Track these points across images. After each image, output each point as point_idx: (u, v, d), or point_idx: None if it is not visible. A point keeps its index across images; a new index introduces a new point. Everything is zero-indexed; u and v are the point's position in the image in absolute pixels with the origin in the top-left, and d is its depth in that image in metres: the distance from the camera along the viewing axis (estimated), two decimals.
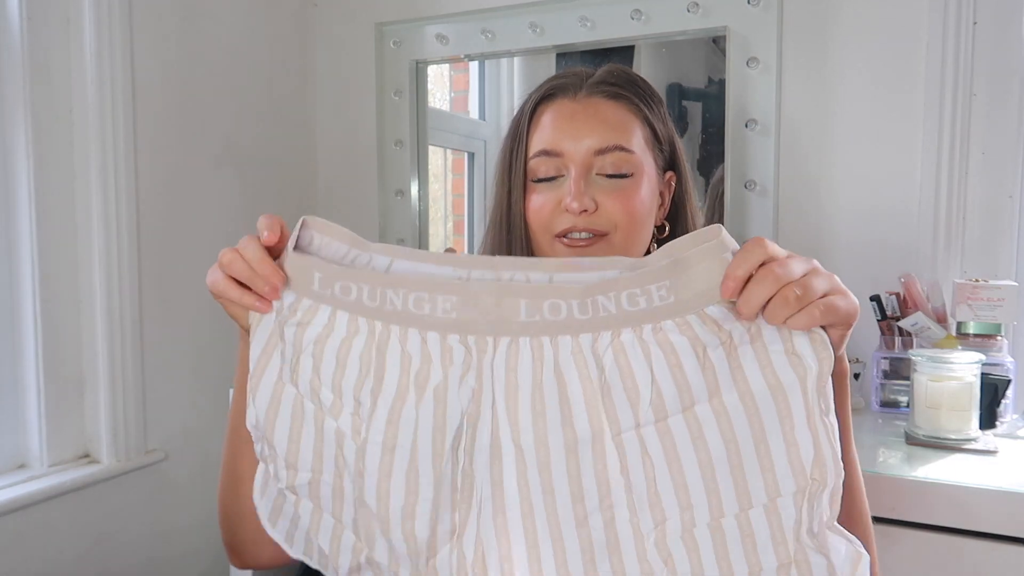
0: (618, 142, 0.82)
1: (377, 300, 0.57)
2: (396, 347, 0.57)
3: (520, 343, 0.55)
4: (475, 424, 0.56)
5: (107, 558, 1.38)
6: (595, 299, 0.53)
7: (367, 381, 0.58)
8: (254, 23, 1.68)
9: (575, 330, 0.54)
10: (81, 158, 1.32)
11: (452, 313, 0.55)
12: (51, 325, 1.29)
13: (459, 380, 0.56)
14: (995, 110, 1.31)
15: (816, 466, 0.54)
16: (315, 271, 0.58)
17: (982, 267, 1.32)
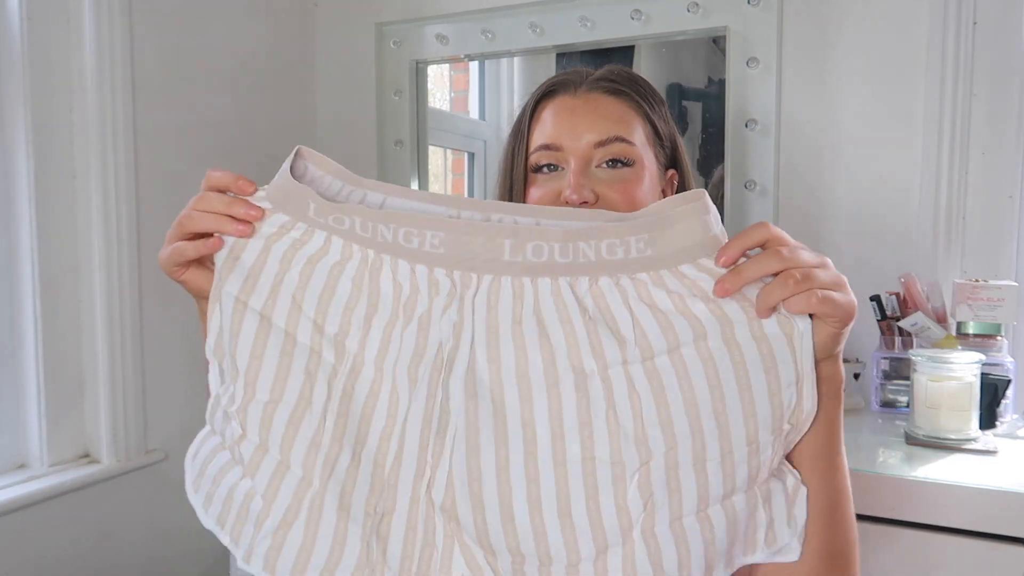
0: (618, 133, 0.83)
1: (369, 232, 0.58)
2: (388, 275, 0.58)
3: (502, 281, 0.57)
4: (453, 358, 0.57)
5: (107, 558, 1.38)
6: (576, 244, 0.55)
7: (359, 305, 0.59)
8: (254, 23, 1.68)
9: (555, 273, 0.56)
10: (81, 158, 1.32)
11: (440, 248, 0.57)
12: (51, 325, 1.29)
13: (442, 311, 0.57)
14: (995, 110, 1.31)
15: (795, 414, 0.56)
16: (310, 200, 0.59)
17: (982, 267, 1.32)
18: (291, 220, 0.60)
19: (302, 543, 0.56)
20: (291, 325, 0.59)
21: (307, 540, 0.56)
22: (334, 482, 0.57)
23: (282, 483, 0.57)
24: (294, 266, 0.60)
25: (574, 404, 0.55)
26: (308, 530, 0.56)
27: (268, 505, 0.57)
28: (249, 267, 0.61)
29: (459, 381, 0.57)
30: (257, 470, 0.58)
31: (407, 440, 0.57)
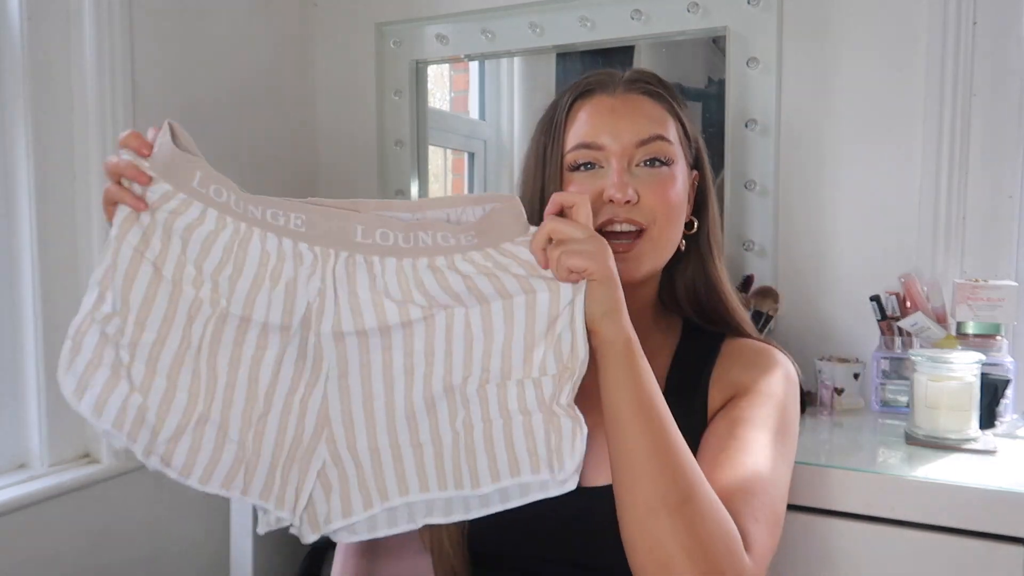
0: (659, 132, 0.84)
1: (241, 208, 0.71)
2: (257, 245, 0.71)
3: (356, 258, 0.71)
4: (320, 314, 0.71)
5: (107, 558, 1.38)
6: (416, 233, 0.71)
7: (227, 267, 0.71)
8: (254, 23, 1.68)
9: (399, 255, 0.71)
10: (81, 158, 1.32)
11: (302, 228, 0.71)
12: (51, 325, 1.29)
13: (307, 278, 0.71)
14: (995, 110, 1.31)
15: (571, 358, 0.71)
16: (197, 169, 0.72)
17: (982, 267, 1.32)
18: (172, 190, 0.71)
19: (190, 448, 0.72)
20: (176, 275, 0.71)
21: (194, 446, 0.72)
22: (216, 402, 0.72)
23: (171, 404, 0.71)
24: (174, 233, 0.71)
25: (422, 338, 0.72)
26: (194, 440, 0.72)
27: (161, 420, 0.71)
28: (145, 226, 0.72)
29: (328, 329, 0.72)
30: (149, 391, 0.71)
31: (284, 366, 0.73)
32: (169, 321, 0.71)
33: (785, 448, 0.81)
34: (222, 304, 0.72)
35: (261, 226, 0.71)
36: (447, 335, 0.73)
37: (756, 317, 1.36)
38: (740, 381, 0.84)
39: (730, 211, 1.47)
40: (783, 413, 0.82)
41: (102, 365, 0.72)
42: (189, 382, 0.72)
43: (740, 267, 1.47)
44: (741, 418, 0.79)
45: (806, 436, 1.17)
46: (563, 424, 0.71)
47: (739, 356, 0.87)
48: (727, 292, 0.90)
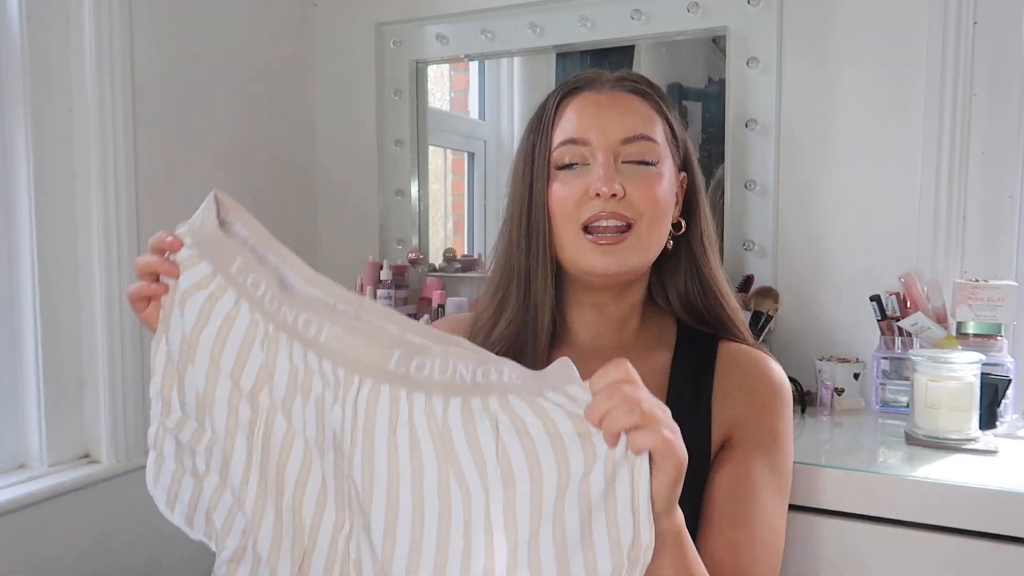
0: (645, 131, 0.83)
1: (274, 307, 0.63)
2: (284, 353, 0.64)
3: (381, 390, 0.61)
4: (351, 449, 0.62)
5: (107, 558, 1.38)
6: (455, 364, 0.60)
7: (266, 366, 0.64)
8: (254, 23, 1.68)
9: (430, 390, 0.60)
10: (81, 158, 1.32)
11: (333, 343, 0.62)
12: (51, 325, 1.29)
13: (331, 404, 0.62)
14: (995, 110, 1.31)
15: (633, 548, 0.58)
16: (238, 256, 0.64)
17: (982, 267, 1.32)
18: (211, 272, 0.65)
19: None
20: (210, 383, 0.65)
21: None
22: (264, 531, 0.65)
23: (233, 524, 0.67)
24: (211, 324, 0.65)
25: (435, 522, 0.59)
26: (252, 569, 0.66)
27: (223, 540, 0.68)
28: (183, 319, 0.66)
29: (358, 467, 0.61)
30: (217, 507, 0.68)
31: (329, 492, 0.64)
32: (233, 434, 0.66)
33: (786, 489, 0.82)
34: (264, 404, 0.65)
35: (289, 333, 0.63)
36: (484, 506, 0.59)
37: (756, 317, 1.36)
38: (744, 415, 0.83)
39: (730, 211, 1.47)
40: (784, 454, 0.83)
41: (186, 474, 0.69)
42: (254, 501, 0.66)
43: (740, 267, 1.47)
44: (754, 478, 0.79)
45: (806, 436, 1.17)
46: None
47: (739, 372, 0.86)
48: (724, 292, 0.89)
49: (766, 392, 0.84)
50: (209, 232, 0.66)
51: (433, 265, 1.80)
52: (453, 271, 1.78)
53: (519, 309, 0.86)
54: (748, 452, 0.80)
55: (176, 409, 0.67)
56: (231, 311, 0.64)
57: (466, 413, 0.59)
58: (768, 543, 0.77)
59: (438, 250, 1.82)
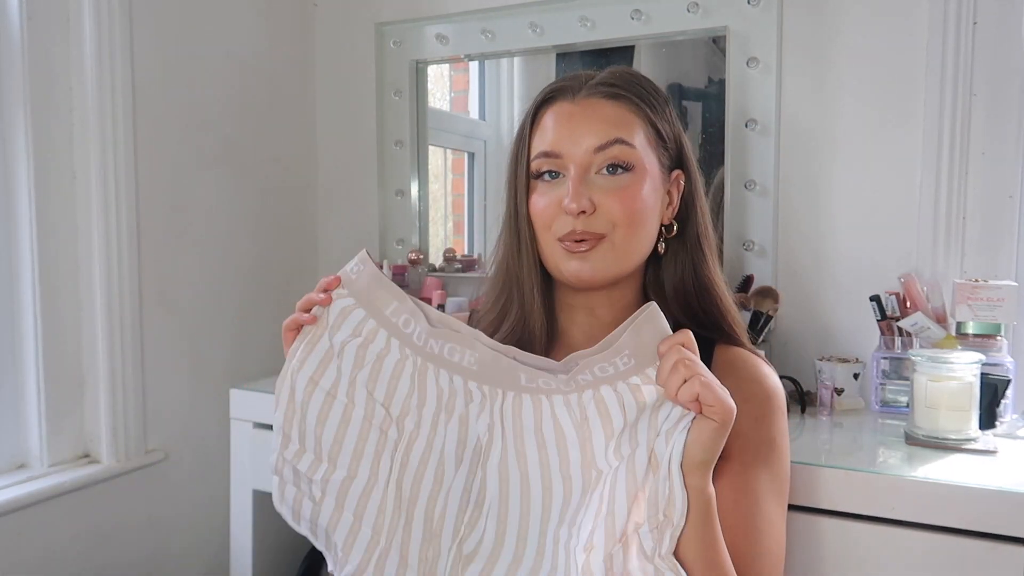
0: (617, 135, 0.82)
1: (422, 341, 0.75)
2: (432, 379, 0.75)
3: (523, 397, 0.73)
4: (488, 449, 0.73)
5: (107, 558, 1.38)
6: (576, 378, 0.72)
7: (415, 395, 0.75)
8: (254, 23, 1.68)
9: (564, 391, 0.72)
10: (81, 158, 1.32)
11: (474, 366, 0.74)
12: (51, 325, 1.30)
13: (477, 415, 0.74)
14: (995, 110, 1.31)
15: (669, 505, 0.70)
16: (394, 300, 0.76)
17: (982, 267, 1.32)
18: (364, 317, 0.76)
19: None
20: (368, 412, 0.76)
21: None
22: (396, 540, 0.75)
23: (356, 540, 0.76)
24: (366, 364, 0.76)
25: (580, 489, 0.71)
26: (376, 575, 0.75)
27: (346, 555, 0.76)
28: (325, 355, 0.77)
29: (494, 467, 0.73)
30: (336, 527, 0.76)
31: (449, 504, 0.74)
32: (359, 457, 0.76)
33: (785, 496, 0.83)
34: (409, 428, 0.75)
35: (436, 362, 0.75)
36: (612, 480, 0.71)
37: (756, 317, 1.36)
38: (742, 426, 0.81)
39: (730, 211, 1.47)
40: (782, 462, 0.83)
41: (305, 498, 0.77)
42: (375, 518, 0.76)
43: (740, 267, 1.47)
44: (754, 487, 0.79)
45: (806, 436, 1.17)
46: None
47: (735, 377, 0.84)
48: (721, 294, 0.89)
49: (763, 399, 0.84)
50: (365, 280, 0.77)
51: (433, 265, 1.80)
52: (453, 271, 1.78)
53: (518, 313, 0.87)
54: (747, 463, 0.80)
55: (295, 442, 0.77)
56: (382, 351, 0.76)
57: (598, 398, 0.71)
58: (772, 552, 0.78)
59: (438, 250, 1.82)
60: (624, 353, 0.71)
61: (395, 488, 0.75)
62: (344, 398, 0.76)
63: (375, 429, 0.76)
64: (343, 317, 0.77)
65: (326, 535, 0.78)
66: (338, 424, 0.76)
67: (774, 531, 0.79)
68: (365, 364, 0.76)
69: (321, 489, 0.76)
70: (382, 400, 0.76)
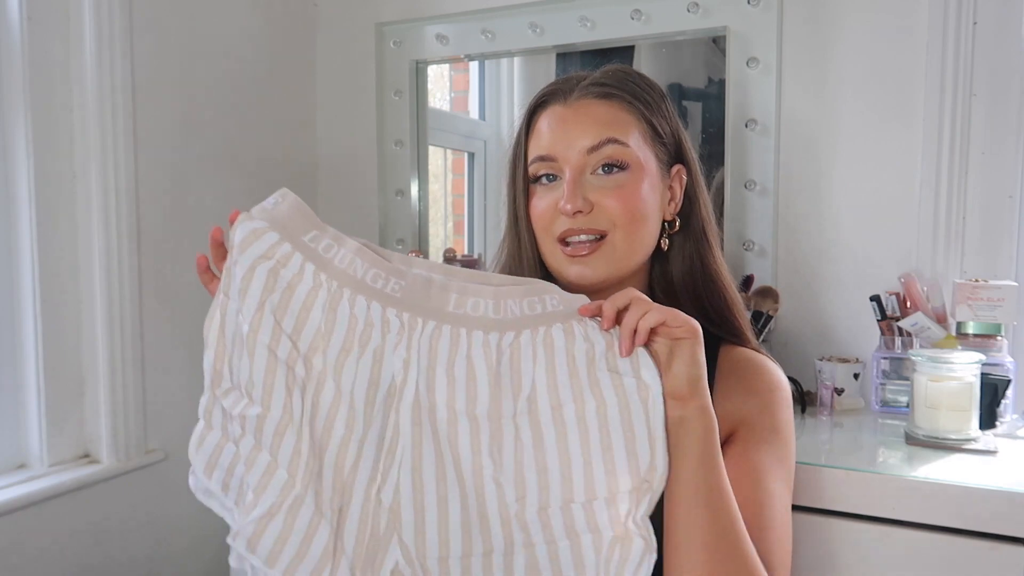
0: (610, 135, 0.83)
1: (345, 264, 0.71)
2: (345, 308, 0.70)
3: (443, 329, 0.70)
4: (402, 389, 0.69)
5: (107, 558, 1.38)
6: (505, 302, 0.70)
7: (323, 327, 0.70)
8: (254, 23, 1.68)
9: (487, 327, 0.70)
10: (81, 158, 1.32)
11: (398, 293, 0.70)
12: (51, 325, 1.29)
13: (393, 348, 0.70)
14: (995, 110, 1.31)
15: (650, 470, 0.68)
16: (314, 229, 0.72)
17: (982, 267, 1.32)
18: (279, 240, 0.71)
19: (279, 534, 0.69)
20: (273, 343, 0.70)
21: (284, 532, 0.69)
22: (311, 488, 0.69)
23: (271, 481, 0.69)
24: (276, 290, 0.71)
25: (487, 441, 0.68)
26: (286, 524, 0.69)
27: (256, 498, 0.70)
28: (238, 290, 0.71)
29: (407, 409, 0.69)
30: (252, 468, 0.70)
31: (364, 450, 0.69)
32: (269, 392, 0.70)
33: (791, 482, 0.83)
34: (318, 367, 0.70)
35: (354, 287, 0.70)
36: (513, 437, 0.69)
37: (756, 317, 1.36)
38: (746, 412, 0.83)
39: (730, 211, 1.47)
40: (788, 448, 0.83)
41: (228, 441, 0.73)
42: (290, 458, 0.70)
43: (740, 267, 1.47)
44: (758, 467, 0.79)
45: (806, 436, 1.17)
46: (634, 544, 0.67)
47: (739, 374, 0.86)
48: (727, 286, 0.89)
49: (766, 391, 0.84)
50: (284, 211, 0.72)
51: None
52: None
53: None
54: (751, 445, 0.81)
55: (226, 380, 0.72)
56: (294, 277, 0.71)
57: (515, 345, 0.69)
58: (777, 528, 0.76)
59: (438, 250, 1.82)
60: (554, 295, 0.70)
61: (308, 431, 0.70)
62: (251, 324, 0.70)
63: (281, 364, 0.70)
64: (255, 237, 0.71)
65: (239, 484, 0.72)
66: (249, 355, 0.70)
67: (779, 506, 0.78)
68: (276, 289, 0.70)
69: (241, 426, 0.71)
70: (290, 332, 0.70)
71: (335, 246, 0.71)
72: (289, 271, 0.71)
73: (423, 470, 0.69)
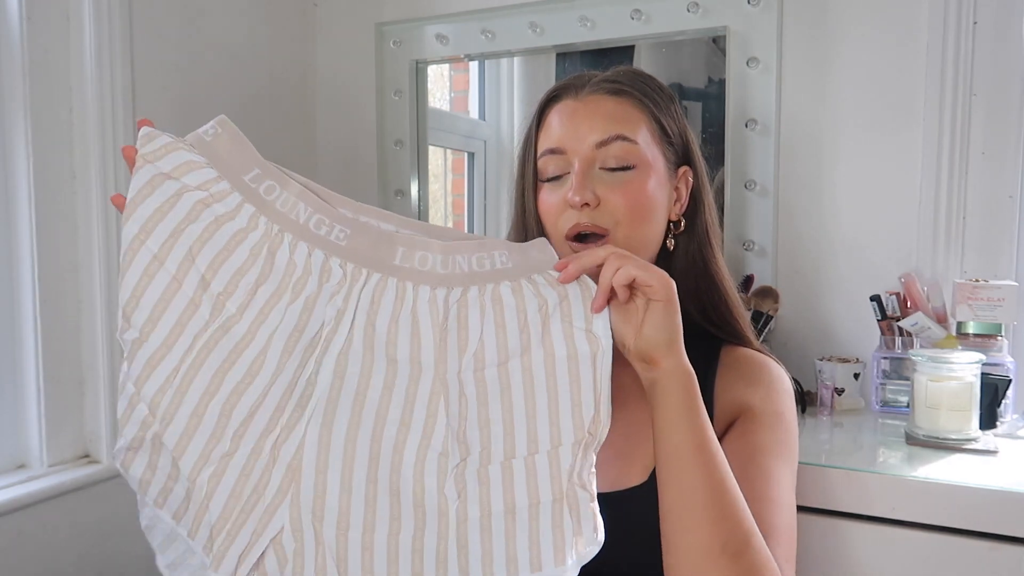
0: (619, 132, 0.83)
1: (287, 207, 0.67)
2: (285, 252, 0.66)
3: (388, 282, 0.66)
4: (329, 341, 0.65)
5: (107, 558, 1.38)
6: (453, 257, 0.67)
7: (251, 272, 0.66)
8: (254, 23, 1.68)
9: (435, 283, 0.67)
10: (81, 158, 1.32)
11: (343, 241, 0.66)
12: (51, 325, 1.29)
13: (329, 297, 0.66)
14: (995, 110, 1.31)
15: (594, 423, 0.65)
16: (256, 167, 0.68)
17: (982, 267, 1.32)
18: (216, 178, 0.67)
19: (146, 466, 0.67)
20: (180, 273, 0.65)
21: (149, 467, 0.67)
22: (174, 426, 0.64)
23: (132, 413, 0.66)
24: (200, 221, 0.66)
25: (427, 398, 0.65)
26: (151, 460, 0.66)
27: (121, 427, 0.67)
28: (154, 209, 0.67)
29: (331, 360, 0.65)
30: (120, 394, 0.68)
31: (267, 399, 0.64)
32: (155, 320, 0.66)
33: (793, 467, 0.82)
34: (229, 311, 0.65)
35: (296, 232, 0.66)
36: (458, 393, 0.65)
37: (756, 317, 1.36)
38: (747, 400, 0.83)
39: (730, 211, 1.47)
40: (790, 434, 0.83)
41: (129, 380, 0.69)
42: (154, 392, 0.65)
43: (740, 267, 1.47)
44: (759, 446, 0.79)
45: (806, 436, 1.17)
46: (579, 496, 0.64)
47: (740, 369, 0.86)
48: (728, 288, 0.89)
49: (768, 383, 0.85)
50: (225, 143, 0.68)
51: None
52: None
53: None
54: (750, 427, 0.81)
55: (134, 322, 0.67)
56: (225, 214, 0.66)
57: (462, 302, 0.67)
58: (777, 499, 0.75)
59: None
60: (503, 252, 0.68)
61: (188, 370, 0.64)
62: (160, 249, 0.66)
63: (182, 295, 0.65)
64: (188, 168, 0.67)
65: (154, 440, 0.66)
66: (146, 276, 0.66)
67: (779, 482, 0.77)
68: (198, 220, 0.65)
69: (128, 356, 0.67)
70: (203, 269, 0.65)
71: (277, 187, 0.67)
72: (223, 207, 0.66)
73: (333, 427, 0.64)
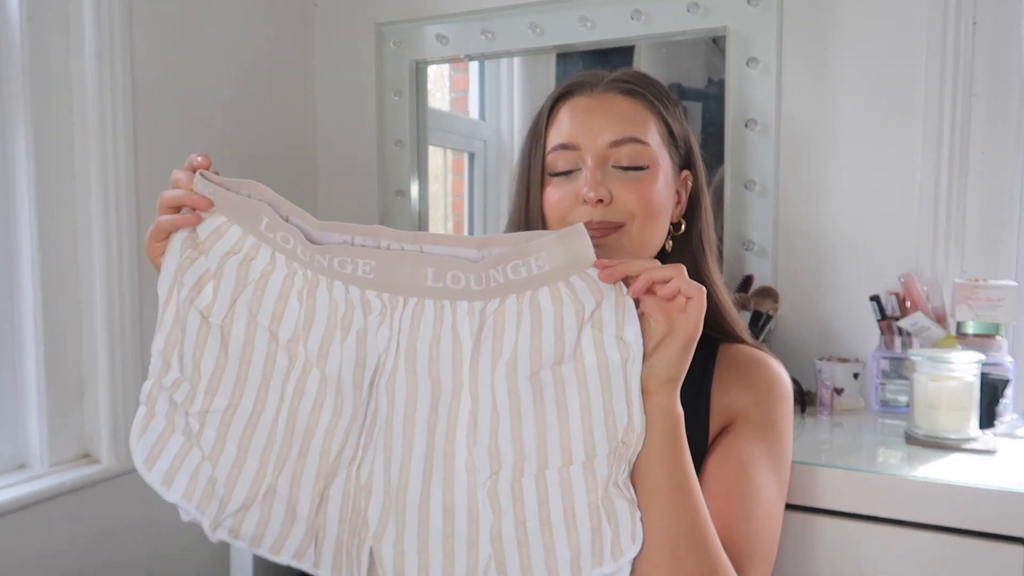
0: (633, 134, 0.83)
1: (308, 257, 0.68)
2: (324, 293, 0.68)
3: (425, 304, 0.67)
4: (384, 369, 0.68)
5: (107, 558, 1.38)
6: (488, 272, 0.66)
7: (302, 318, 0.69)
8: (254, 23, 1.68)
9: (471, 297, 0.66)
10: (81, 158, 1.32)
11: (371, 274, 0.67)
12: (51, 325, 1.29)
13: (376, 327, 0.67)
14: (995, 110, 1.31)
15: (627, 432, 0.65)
16: (264, 216, 0.68)
17: (982, 267, 1.32)
18: (243, 234, 0.69)
19: (259, 519, 0.71)
20: (249, 334, 0.69)
21: (263, 518, 0.71)
22: (285, 474, 0.70)
23: (240, 474, 0.70)
24: (249, 282, 0.69)
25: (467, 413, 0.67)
26: (263, 512, 0.71)
27: (229, 492, 0.70)
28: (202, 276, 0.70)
29: (383, 385, 0.68)
30: (218, 461, 0.71)
31: (350, 436, 0.69)
32: (242, 384, 0.70)
33: (783, 477, 0.82)
34: (301, 357, 0.69)
35: (328, 274, 0.68)
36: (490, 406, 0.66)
37: (756, 317, 1.36)
38: (742, 405, 0.83)
39: (730, 211, 1.47)
40: (783, 442, 0.83)
41: (175, 432, 0.71)
42: (262, 449, 0.70)
43: (740, 267, 1.47)
44: (750, 457, 0.79)
45: (806, 436, 1.17)
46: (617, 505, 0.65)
47: (739, 369, 0.86)
48: (720, 294, 0.89)
49: (765, 385, 0.85)
50: (230, 197, 0.70)
51: None
52: None
53: None
54: (741, 436, 0.81)
55: (175, 370, 0.71)
56: (267, 267, 0.69)
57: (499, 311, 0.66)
58: (761, 517, 0.76)
59: None
60: (541, 255, 0.66)
61: (286, 419, 0.69)
62: (221, 321, 0.69)
63: (258, 353, 0.69)
64: (218, 236, 0.70)
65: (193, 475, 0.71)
66: (218, 349, 0.69)
67: (764, 496, 0.77)
68: (248, 283, 0.69)
69: (200, 421, 0.70)
70: (267, 324, 0.69)
71: (291, 238, 0.68)
72: (260, 262, 0.69)
73: (392, 450, 0.68)
